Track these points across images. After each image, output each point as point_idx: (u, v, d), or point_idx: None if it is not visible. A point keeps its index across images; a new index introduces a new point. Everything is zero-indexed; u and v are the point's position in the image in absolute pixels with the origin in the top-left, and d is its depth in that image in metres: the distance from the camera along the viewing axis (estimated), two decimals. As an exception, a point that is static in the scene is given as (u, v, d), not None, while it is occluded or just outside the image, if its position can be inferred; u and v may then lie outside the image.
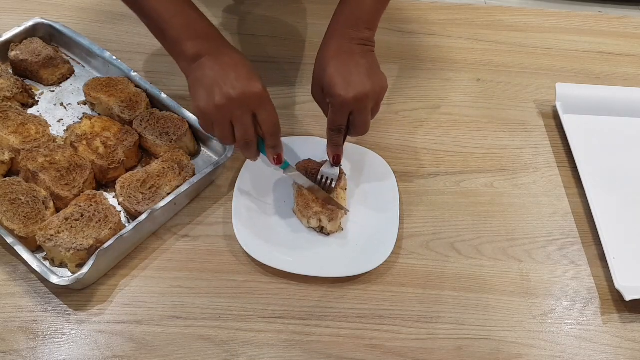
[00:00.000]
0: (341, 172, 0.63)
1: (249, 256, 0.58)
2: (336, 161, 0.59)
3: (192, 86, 0.53)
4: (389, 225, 0.61)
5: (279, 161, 0.56)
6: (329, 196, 0.60)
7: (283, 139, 0.67)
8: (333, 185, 0.62)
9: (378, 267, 0.58)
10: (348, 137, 0.59)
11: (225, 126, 0.52)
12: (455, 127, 0.74)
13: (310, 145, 0.67)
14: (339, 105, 0.53)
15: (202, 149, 0.68)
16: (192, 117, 0.66)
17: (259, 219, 0.61)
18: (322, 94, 0.56)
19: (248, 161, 0.64)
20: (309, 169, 0.64)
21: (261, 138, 0.54)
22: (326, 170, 0.62)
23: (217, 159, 0.66)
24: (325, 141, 0.65)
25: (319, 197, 0.61)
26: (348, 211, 0.62)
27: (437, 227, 0.64)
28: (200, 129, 0.64)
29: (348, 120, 0.55)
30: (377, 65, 0.56)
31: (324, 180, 0.61)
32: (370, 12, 0.55)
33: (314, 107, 0.63)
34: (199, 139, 0.68)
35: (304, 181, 0.61)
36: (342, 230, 0.61)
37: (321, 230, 0.61)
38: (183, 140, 0.65)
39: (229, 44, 0.54)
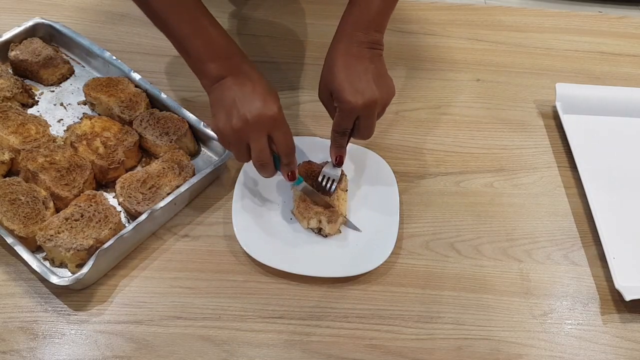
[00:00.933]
0: (342, 173, 0.63)
1: (249, 256, 0.58)
2: (339, 162, 0.60)
3: (212, 105, 0.54)
4: (389, 225, 0.61)
5: (292, 178, 0.57)
6: (326, 201, 0.60)
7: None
8: (334, 187, 0.62)
9: (378, 267, 0.58)
10: (350, 139, 0.59)
11: (242, 147, 0.53)
12: (455, 127, 0.74)
13: (310, 145, 0.67)
14: (347, 110, 0.54)
15: (202, 149, 0.68)
16: (192, 117, 0.66)
17: (259, 219, 0.61)
18: (329, 97, 0.56)
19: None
20: (309, 171, 0.64)
21: (276, 155, 0.55)
22: (328, 171, 0.62)
23: (217, 159, 0.66)
24: (325, 141, 0.65)
25: (316, 201, 0.61)
26: (347, 220, 0.62)
27: (437, 227, 0.64)
28: (200, 129, 0.66)
29: (353, 123, 0.56)
30: (385, 70, 0.56)
31: (325, 181, 0.62)
32: (379, 14, 0.55)
33: (314, 108, 0.63)
34: (198, 139, 0.68)
35: (308, 190, 0.61)
36: (340, 233, 0.61)
37: (319, 231, 0.61)
38: (183, 140, 0.65)
39: (250, 62, 0.55)
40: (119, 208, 0.61)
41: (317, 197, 0.60)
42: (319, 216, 0.60)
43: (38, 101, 0.70)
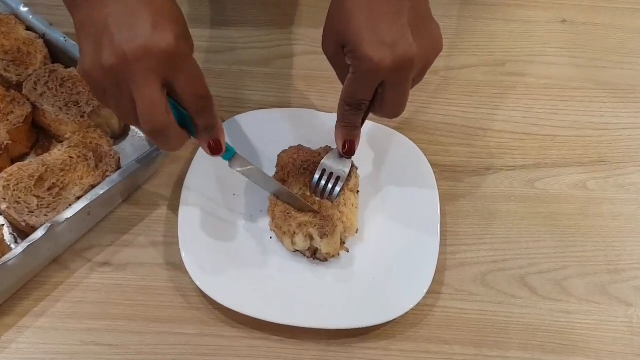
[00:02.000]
0: (352, 166, 0.63)
1: (205, 296, 0.58)
2: (348, 150, 0.60)
3: (77, 34, 0.53)
4: (424, 248, 0.61)
5: (216, 150, 0.55)
6: (311, 207, 0.61)
7: (259, 112, 0.68)
8: (339, 188, 0.62)
9: (406, 313, 0.58)
10: (370, 117, 0.59)
11: (122, 99, 0.51)
12: (528, 95, 0.75)
13: (304, 122, 0.67)
14: (366, 72, 0.54)
15: (132, 127, 0.67)
16: None
17: (219, 239, 0.61)
18: (339, 50, 0.56)
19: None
20: (299, 161, 0.64)
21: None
22: (330, 163, 0.62)
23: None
24: (328, 116, 0.64)
25: (296, 207, 0.61)
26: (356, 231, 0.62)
27: (498, 252, 0.64)
28: None
29: (375, 93, 0.56)
30: (428, 10, 0.56)
31: (325, 178, 0.62)
32: None
33: (313, 64, 0.63)
34: None
35: (267, 182, 0.61)
36: (347, 252, 0.61)
37: (314, 254, 0.61)
38: (102, 113, 0.65)
39: None
40: (0, 220, 0.60)
41: (298, 202, 0.61)
42: (305, 228, 0.59)
43: None
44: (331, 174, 0.62)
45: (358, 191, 0.64)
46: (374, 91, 0.55)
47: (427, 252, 0.61)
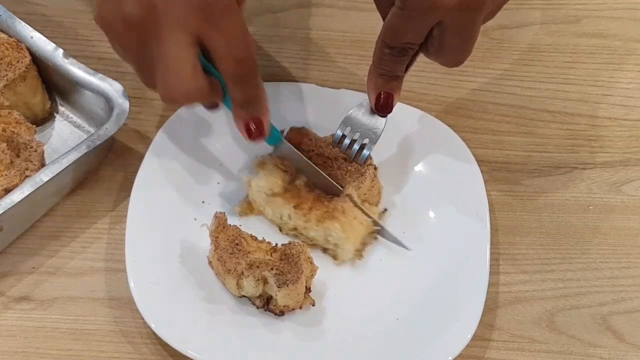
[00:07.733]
0: (367, 164, 0.64)
1: (162, 344, 0.58)
2: (384, 105, 0.61)
3: None
4: (465, 276, 0.62)
5: (257, 133, 0.58)
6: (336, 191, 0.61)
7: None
8: (367, 152, 0.63)
9: (443, 369, 0.56)
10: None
11: (145, 59, 0.54)
12: (612, 65, 0.74)
13: (297, 101, 0.68)
14: (419, 10, 0.55)
15: (61, 107, 0.67)
16: (38, 40, 0.65)
17: (183, 264, 0.61)
18: None
19: (160, 137, 0.64)
20: (297, 148, 0.64)
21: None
22: (358, 120, 0.63)
23: (91, 129, 0.65)
24: (334, 93, 0.65)
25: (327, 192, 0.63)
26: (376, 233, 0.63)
27: (571, 283, 0.64)
28: (59, 64, 0.64)
29: (428, 34, 0.56)
30: None
31: (346, 142, 0.64)
32: None
33: (312, 21, 0.63)
34: (53, 88, 0.67)
35: (312, 173, 0.63)
36: (313, 305, 0.61)
37: (266, 304, 0.61)
38: (19, 89, 0.64)
39: None
40: None
41: (319, 176, 0.63)
42: (258, 270, 0.59)
43: None
44: (357, 134, 0.63)
45: (378, 202, 0.65)
46: (426, 33, 0.56)
47: (472, 283, 0.61)
